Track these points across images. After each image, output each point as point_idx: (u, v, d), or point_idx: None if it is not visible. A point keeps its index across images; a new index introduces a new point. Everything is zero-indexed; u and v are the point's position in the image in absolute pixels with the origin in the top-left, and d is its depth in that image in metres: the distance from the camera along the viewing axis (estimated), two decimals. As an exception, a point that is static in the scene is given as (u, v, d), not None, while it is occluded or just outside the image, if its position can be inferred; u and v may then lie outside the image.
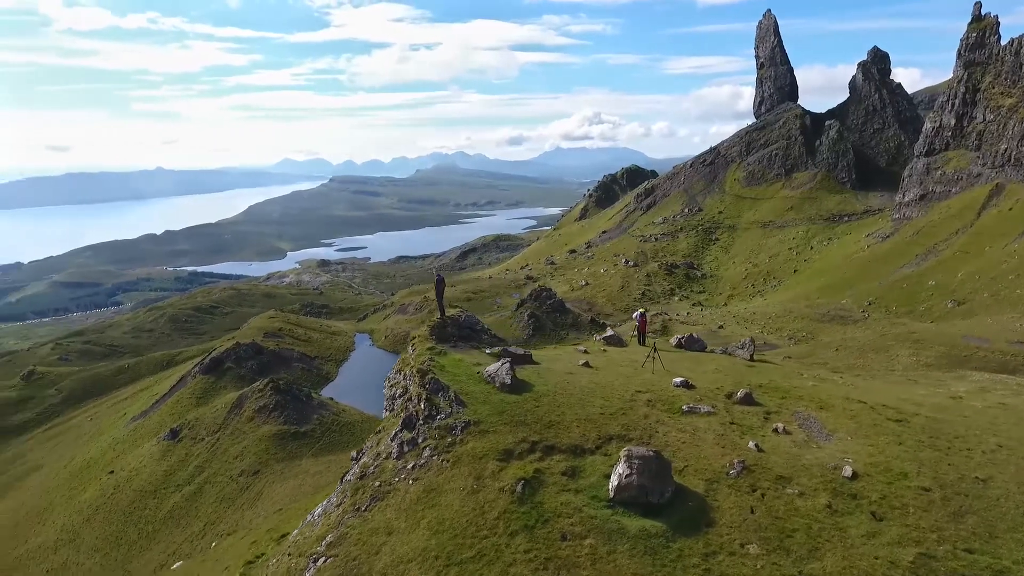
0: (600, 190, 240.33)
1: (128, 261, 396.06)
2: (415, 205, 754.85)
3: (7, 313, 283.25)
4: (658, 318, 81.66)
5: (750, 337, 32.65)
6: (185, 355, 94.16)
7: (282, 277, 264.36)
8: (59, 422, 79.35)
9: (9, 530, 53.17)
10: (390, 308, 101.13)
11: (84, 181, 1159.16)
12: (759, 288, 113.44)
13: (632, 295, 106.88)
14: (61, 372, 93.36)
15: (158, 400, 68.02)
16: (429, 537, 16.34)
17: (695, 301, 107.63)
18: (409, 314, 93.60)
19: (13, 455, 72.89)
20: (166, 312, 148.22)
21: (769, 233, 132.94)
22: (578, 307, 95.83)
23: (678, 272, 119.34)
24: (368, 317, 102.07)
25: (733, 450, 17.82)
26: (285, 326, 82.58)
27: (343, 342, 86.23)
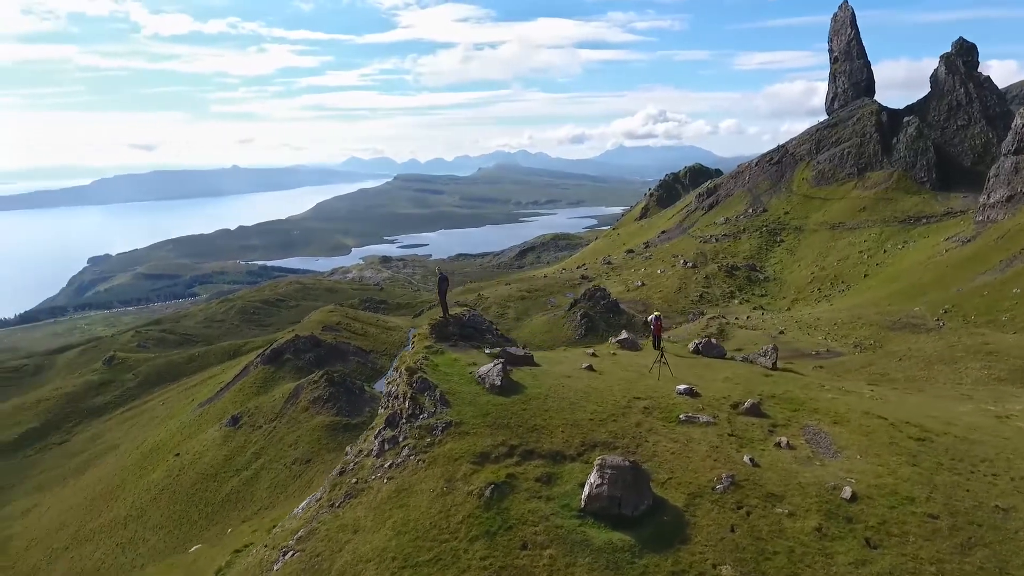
0: (662, 189, 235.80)
1: (204, 255, 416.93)
2: (476, 203, 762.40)
3: (96, 302, 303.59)
4: (715, 322, 79.47)
5: (773, 345, 31.20)
6: (250, 345, 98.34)
7: (345, 273, 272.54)
8: (135, 405, 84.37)
9: (87, 504, 56.94)
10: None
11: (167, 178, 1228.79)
12: (825, 293, 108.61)
13: (689, 297, 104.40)
14: (139, 358, 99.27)
15: (223, 388, 71.33)
16: (391, 537, 16.18)
17: (756, 305, 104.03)
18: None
19: (93, 434, 78.03)
20: (236, 304, 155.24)
21: (838, 235, 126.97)
22: (633, 308, 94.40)
23: (739, 274, 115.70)
24: (424, 313, 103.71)
25: (725, 464, 16.97)
26: (343, 320, 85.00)
27: (398, 337, 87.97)
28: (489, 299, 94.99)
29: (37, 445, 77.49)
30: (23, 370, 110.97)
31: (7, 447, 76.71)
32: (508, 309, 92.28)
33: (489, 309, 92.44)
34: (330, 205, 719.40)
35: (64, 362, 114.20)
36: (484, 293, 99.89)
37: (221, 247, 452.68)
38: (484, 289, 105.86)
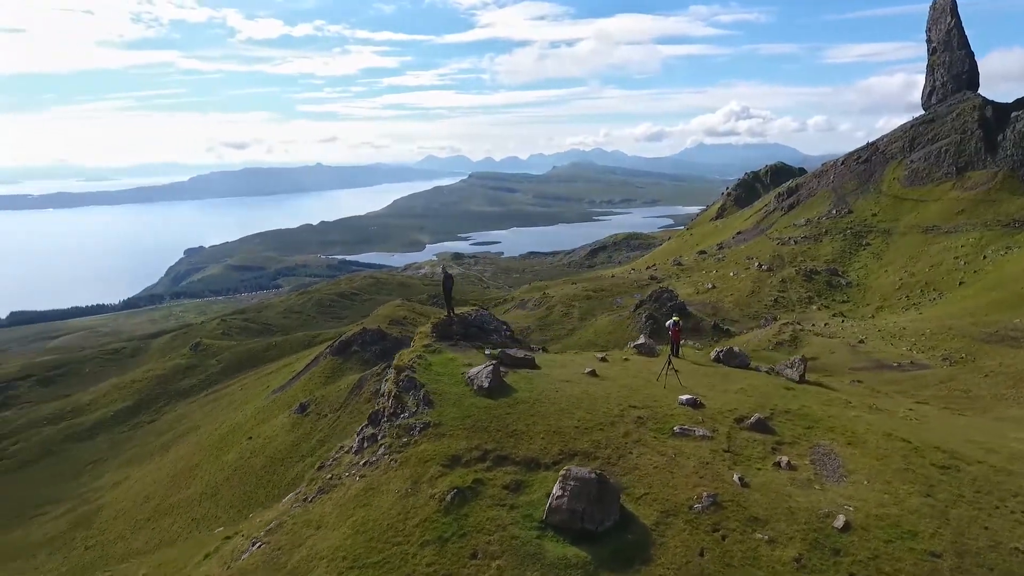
0: (740, 188, 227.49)
1: (288, 248, 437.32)
2: (550, 201, 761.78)
3: (190, 291, 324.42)
4: (788, 328, 76.00)
5: (801, 356, 29.38)
6: (323, 336, 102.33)
7: (418, 268, 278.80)
8: (217, 389, 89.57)
9: (168, 480, 61.00)
10: (510, 303, 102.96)
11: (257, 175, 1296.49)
12: (914, 300, 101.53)
13: (763, 301, 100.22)
14: (222, 345, 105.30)
15: (295, 376, 74.63)
16: (349, 536, 16.07)
17: (836, 311, 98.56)
18: (528, 309, 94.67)
19: (179, 415, 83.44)
20: (313, 296, 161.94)
21: (932, 239, 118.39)
22: (701, 311, 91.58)
23: (818, 279, 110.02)
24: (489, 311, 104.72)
25: (711, 482, 15.99)
26: (409, 315, 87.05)
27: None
28: (554, 298, 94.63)
29: (130, 422, 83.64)
30: (122, 352, 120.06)
31: (104, 423, 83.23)
32: (573, 308, 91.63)
33: (554, 308, 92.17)
34: (406, 202, 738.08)
35: (158, 346, 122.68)
36: (549, 292, 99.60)
37: (304, 241, 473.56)
38: (550, 288, 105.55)
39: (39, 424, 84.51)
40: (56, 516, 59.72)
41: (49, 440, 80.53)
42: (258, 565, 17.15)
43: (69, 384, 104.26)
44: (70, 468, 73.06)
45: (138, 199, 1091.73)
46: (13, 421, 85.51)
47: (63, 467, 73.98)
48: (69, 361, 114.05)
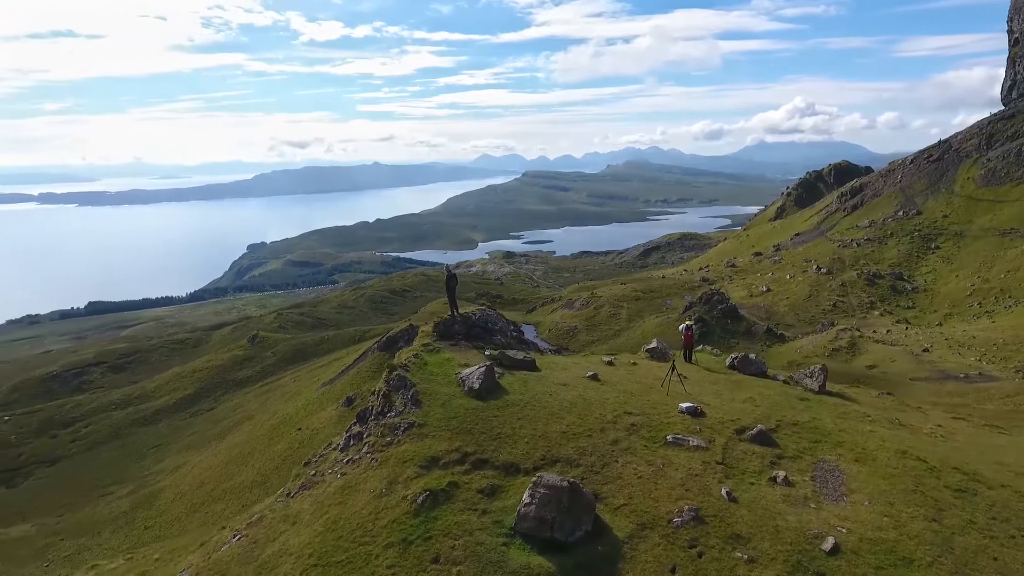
0: (801, 188, 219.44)
1: (344, 245, 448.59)
2: (603, 200, 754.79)
3: (252, 285, 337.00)
4: (846, 334, 72.96)
5: (822, 365, 27.84)
6: (372, 332, 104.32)
7: (469, 266, 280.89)
8: (271, 380, 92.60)
9: (222, 467, 63.47)
10: (558, 302, 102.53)
11: (316, 174, 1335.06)
12: (987, 308, 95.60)
13: (821, 306, 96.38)
14: (278, 338, 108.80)
15: (344, 370, 76.43)
16: (320, 533, 15.96)
17: (900, 318, 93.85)
18: (576, 309, 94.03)
19: (235, 404, 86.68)
20: (366, 292, 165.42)
21: (1010, 243, 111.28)
22: (754, 315, 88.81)
23: (882, 283, 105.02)
24: (536, 309, 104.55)
25: (697, 495, 15.29)
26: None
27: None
28: (602, 298, 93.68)
29: (190, 410, 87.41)
30: (186, 343, 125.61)
31: (167, 410, 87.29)
32: (621, 309, 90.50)
33: (601, 308, 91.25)
34: (460, 201, 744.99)
35: (219, 338, 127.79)
36: (598, 292, 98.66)
37: (360, 238, 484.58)
38: (598, 288, 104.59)
39: (109, 408, 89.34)
40: (120, 496, 63.06)
41: (117, 424, 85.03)
42: (233, 557, 17.34)
43: (137, 371, 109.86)
44: (135, 451, 76.98)
45: (206, 196, 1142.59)
46: (86, 404, 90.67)
47: (128, 450, 78.01)
48: (138, 350, 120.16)
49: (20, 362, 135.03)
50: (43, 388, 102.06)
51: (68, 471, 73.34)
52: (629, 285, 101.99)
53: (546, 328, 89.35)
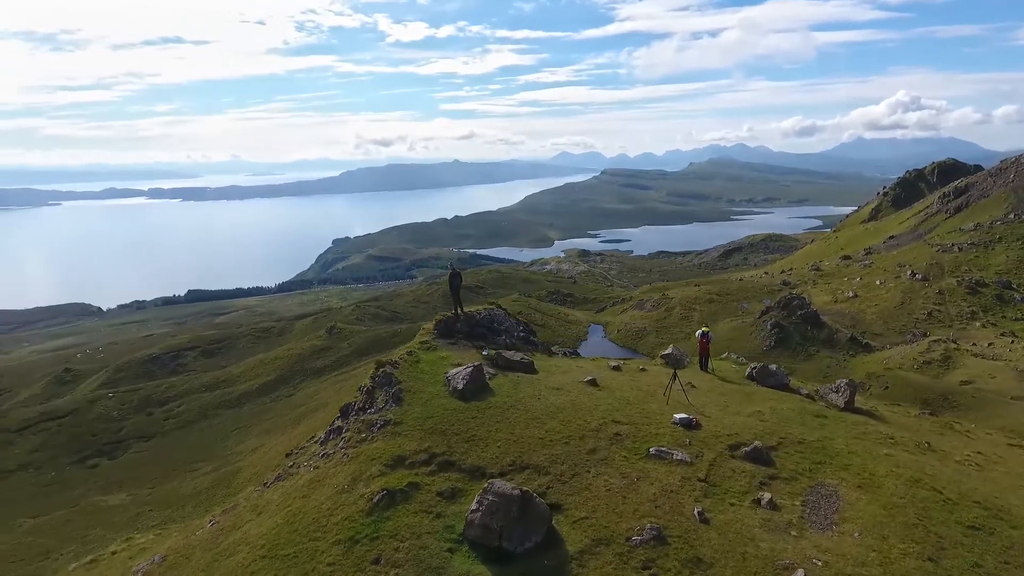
0: (900, 187, 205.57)
1: (423, 241, 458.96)
2: (684, 199, 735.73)
3: (335, 278, 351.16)
4: (940, 345, 67.92)
5: (848, 379, 25.49)
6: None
7: (544, 264, 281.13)
8: (345, 370, 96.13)
9: (296, 451, 66.65)
10: (629, 302, 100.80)
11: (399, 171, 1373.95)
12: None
13: (914, 315, 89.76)
14: (354, 330, 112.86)
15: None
16: (277, 525, 15.90)
17: (1005, 330, 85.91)
18: (646, 310, 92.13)
19: (312, 392, 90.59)
20: (441, 288, 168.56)
21: None
22: (839, 322, 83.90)
23: (986, 292, 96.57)
24: (606, 309, 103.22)
25: (666, 513, 14.42)
26: (525, 310, 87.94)
27: (576, 331, 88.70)
28: (673, 299, 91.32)
29: (271, 395, 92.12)
30: (271, 331, 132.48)
31: (250, 394, 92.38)
32: (693, 312, 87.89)
33: (673, 310, 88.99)
34: (537, 198, 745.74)
35: (301, 327, 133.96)
36: (669, 293, 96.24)
37: (438, 235, 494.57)
38: (670, 289, 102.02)
39: (199, 390, 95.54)
40: (204, 473, 67.27)
41: (206, 405, 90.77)
42: (201, 541, 17.84)
43: (226, 356, 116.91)
44: (220, 432, 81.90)
45: (295, 192, 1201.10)
46: (179, 386, 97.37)
47: (215, 430, 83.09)
48: (228, 336, 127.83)
49: (127, 344, 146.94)
50: (144, 369, 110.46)
51: (161, 447, 78.99)
52: (703, 287, 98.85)
53: (615, 329, 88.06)
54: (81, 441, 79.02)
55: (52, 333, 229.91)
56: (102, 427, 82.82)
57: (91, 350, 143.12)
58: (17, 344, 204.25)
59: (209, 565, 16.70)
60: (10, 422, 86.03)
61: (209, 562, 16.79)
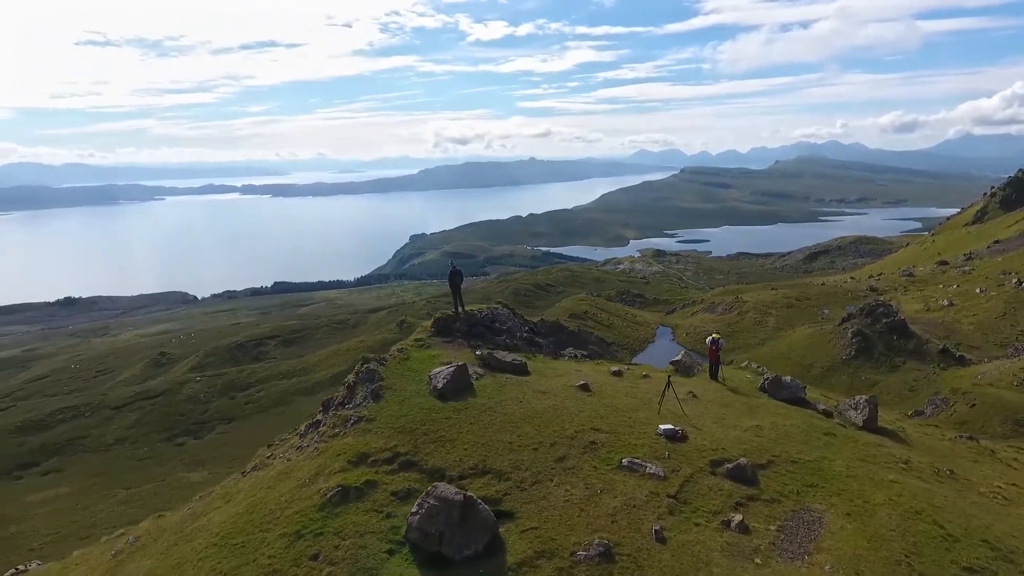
0: (1010, 187, 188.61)
1: (498, 238, 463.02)
2: (768, 199, 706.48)
3: (411, 273, 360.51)
4: (1043, 360, 61.79)
5: (868, 396, 23.14)
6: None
7: (617, 264, 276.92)
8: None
9: (362, 440, 68.79)
10: (700, 305, 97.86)
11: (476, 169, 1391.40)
12: None
13: (1018, 327, 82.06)
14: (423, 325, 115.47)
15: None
16: (238, 514, 15.91)
17: None
18: (718, 313, 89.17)
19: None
20: (510, 285, 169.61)
21: None
22: (929, 332, 77.96)
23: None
24: (676, 311, 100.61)
25: (622, 529, 13.66)
26: (591, 309, 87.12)
27: (644, 333, 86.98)
28: (747, 303, 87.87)
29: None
30: (346, 323, 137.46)
31: (323, 383, 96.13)
32: (768, 316, 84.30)
33: (746, 314, 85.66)
34: (614, 197, 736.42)
35: (374, 321, 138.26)
36: (743, 296, 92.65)
37: (512, 232, 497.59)
38: (745, 292, 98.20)
39: (278, 378, 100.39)
40: (277, 457, 70.80)
41: (283, 392, 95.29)
42: (171, 525, 18.32)
43: (304, 346, 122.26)
44: (294, 418, 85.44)
45: (376, 189, 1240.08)
46: (260, 372, 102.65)
47: (290, 416, 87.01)
48: (307, 327, 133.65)
49: (216, 331, 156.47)
50: (230, 355, 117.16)
51: (241, 429, 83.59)
52: (780, 291, 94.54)
53: (683, 331, 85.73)
54: (171, 420, 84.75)
55: (153, 319, 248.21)
56: (190, 408, 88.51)
57: (185, 336, 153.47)
58: (123, 328, 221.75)
59: (169, 548, 17.15)
60: (111, 399, 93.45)
61: (170, 545, 17.29)
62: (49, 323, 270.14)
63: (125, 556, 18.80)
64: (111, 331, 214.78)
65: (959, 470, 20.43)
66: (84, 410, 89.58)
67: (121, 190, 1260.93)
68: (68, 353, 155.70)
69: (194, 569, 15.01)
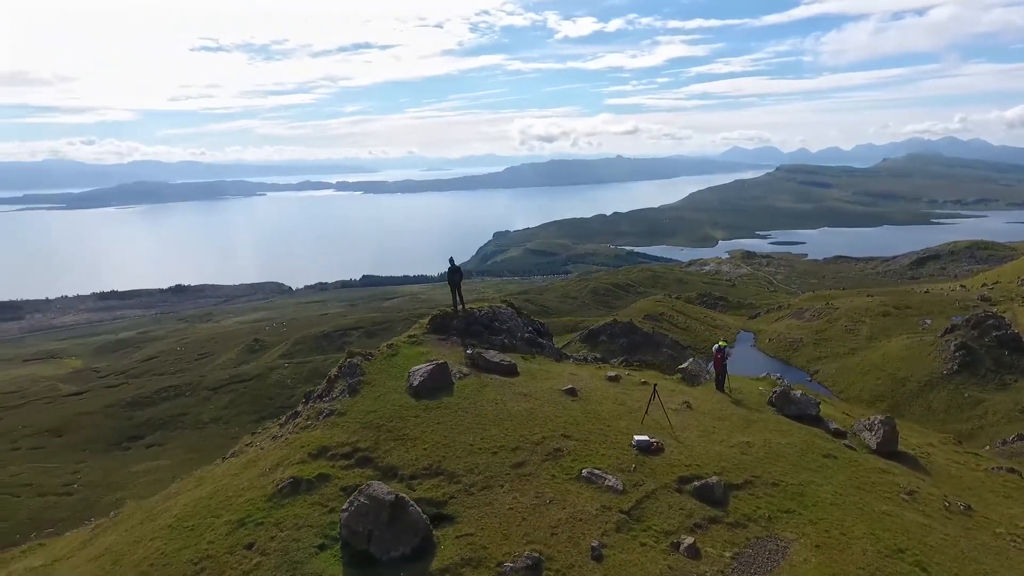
0: None
1: (580, 236, 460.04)
2: (874, 199, 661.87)
3: (493, 270, 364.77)
4: None
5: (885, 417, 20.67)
6: (585, 323, 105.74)
7: (703, 265, 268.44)
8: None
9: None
10: (786, 310, 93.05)
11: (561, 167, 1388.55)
12: None
13: None
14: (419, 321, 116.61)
15: (549, 358, 79.10)
16: (199, 498, 16.04)
17: None
18: (805, 319, 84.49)
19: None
20: (590, 284, 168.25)
21: None
22: (1051, 347, 70.21)
23: None
24: (760, 316, 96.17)
25: (559, 543, 13.08)
26: (667, 311, 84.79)
27: (723, 337, 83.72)
28: (839, 309, 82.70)
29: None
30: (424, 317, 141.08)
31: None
32: (861, 324, 78.97)
33: (836, 321, 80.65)
34: (703, 196, 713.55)
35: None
36: (835, 302, 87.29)
37: (595, 231, 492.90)
38: (837, 298, 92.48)
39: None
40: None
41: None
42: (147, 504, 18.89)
43: (384, 338, 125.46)
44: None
45: (462, 187, 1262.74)
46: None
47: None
48: (388, 320, 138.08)
49: (306, 320, 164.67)
50: (316, 344, 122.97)
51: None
52: (877, 298, 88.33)
53: (766, 337, 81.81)
54: (260, 403, 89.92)
55: (251, 307, 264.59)
56: (277, 392, 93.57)
57: (277, 324, 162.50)
58: (225, 315, 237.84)
59: (135, 526, 17.71)
60: (209, 381, 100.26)
61: (137, 523, 17.91)
62: (162, 308, 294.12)
63: (101, 531, 19.60)
64: (214, 317, 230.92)
65: (980, 506, 18.32)
66: (185, 390, 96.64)
67: (228, 186, 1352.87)
68: (176, 337, 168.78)
69: (144, 548, 15.41)
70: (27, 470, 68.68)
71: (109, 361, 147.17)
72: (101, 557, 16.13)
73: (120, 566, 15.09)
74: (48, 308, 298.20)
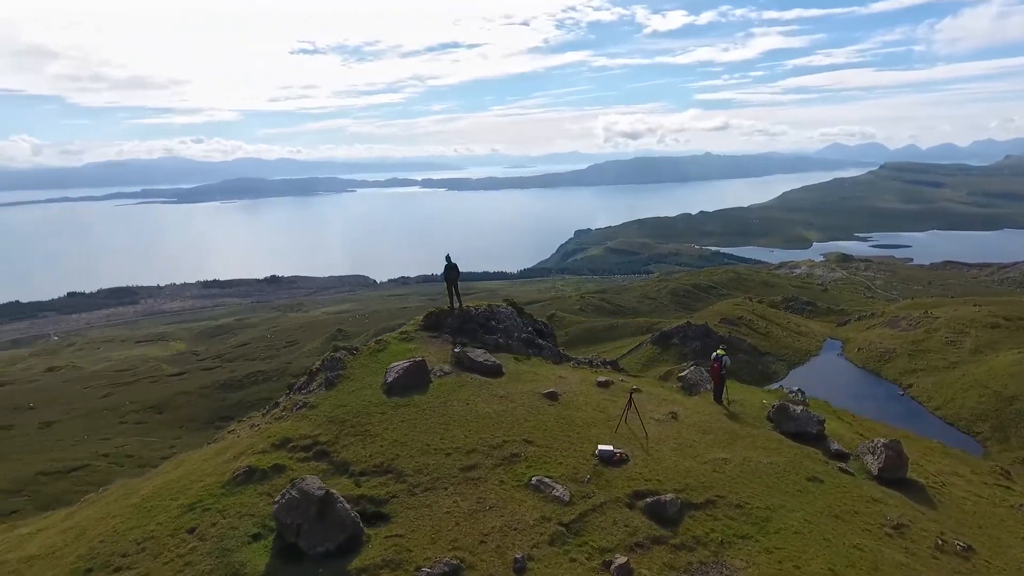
0: None
1: (664, 236, 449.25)
2: (992, 200, 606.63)
3: (573, 268, 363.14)
4: None
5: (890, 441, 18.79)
6: (662, 325, 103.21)
7: (793, 267, 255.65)
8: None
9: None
10: (879, 318, 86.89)
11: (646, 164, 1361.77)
12: None
13: None
14: (572, 319, 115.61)
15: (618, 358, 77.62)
16: (169, 481, 16.39)
17: None
18: (900, 328, 78.56)
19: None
20: (669, 285, 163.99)
21: None
22: None
23: None
24: (850, 323, 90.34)
25: (485, 552, 12.99)
26: (746, 315, 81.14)
27: (807, 344, 79.22)
28: (939, 319, 76.40)
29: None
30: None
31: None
32: (964, 336, 72.58)
33: (935, 332, 74.46)
34: (797, 195, 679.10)
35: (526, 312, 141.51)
36: (935, 311, 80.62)
37: (680, 230, 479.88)
38: (938, 307, 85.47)
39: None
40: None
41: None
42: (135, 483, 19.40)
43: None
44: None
45: (544, 184, 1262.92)
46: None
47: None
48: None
49: (387, 312, 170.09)
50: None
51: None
52: (985, 308, 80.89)
53: (855, 347, 76.69)
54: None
55: (339, 298, 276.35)
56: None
57: (360, 315, 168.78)
58: (314, 305, 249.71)
59: (111, 503, 18.35)
60: (293, 368, 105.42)
61: (113, 500, 18.60)
62: (258, 297, 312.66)
63: (86, 504, 20.57)
64: (304, 307, 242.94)
65: (987, 546, 16.36)
66: (272, 375, 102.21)
67: (321, 183, 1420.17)
68: (268, 325, 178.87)
69: (104, 524, 15.99)
70: (131, 443, 74.83)
71: (208, 345, 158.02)
72: (71, 530, 17.04)
73: (80, 540, 15.74)
74: (159, 294, 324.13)
